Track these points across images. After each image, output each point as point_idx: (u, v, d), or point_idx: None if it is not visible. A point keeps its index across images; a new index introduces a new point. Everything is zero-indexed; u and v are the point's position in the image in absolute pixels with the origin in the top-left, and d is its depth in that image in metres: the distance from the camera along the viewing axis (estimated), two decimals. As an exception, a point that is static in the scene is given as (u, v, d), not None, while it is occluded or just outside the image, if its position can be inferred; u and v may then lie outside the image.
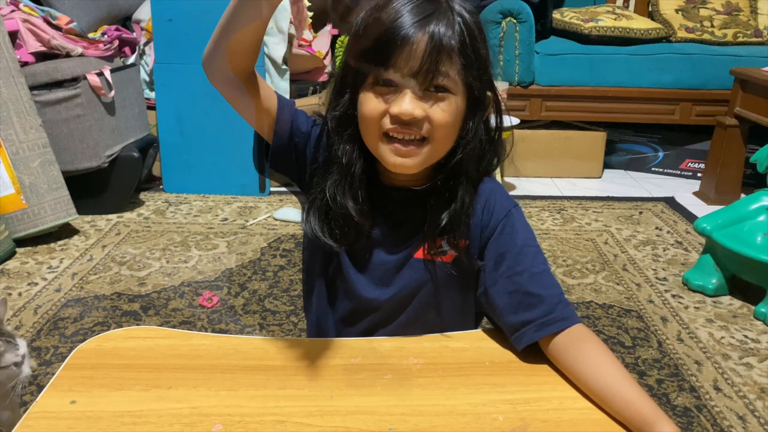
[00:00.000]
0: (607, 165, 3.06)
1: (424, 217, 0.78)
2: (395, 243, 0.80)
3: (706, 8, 3.05)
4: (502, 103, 0.79)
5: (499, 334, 0.78)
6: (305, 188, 0.83)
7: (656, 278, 1.97)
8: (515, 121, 2.65)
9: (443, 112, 0.70)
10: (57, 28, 2.31)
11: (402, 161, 0.72)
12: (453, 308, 0.83)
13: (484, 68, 0.73)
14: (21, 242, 2.11)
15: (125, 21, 3.02)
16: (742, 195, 2.50)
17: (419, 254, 0.80)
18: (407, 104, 0.68)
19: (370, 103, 0.71)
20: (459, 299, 0.83)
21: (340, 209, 0.76)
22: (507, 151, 0.83)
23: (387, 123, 0.70)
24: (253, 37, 0.70)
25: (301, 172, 0.82)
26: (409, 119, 0.69)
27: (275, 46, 2.63)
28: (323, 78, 3.01)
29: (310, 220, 0.78)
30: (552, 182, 2.92)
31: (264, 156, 0.82)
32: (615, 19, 2.88)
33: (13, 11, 2.24)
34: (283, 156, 0.80)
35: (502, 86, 2.65)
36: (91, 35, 2.56)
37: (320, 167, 0.79)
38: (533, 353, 0.73)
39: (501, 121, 0.79)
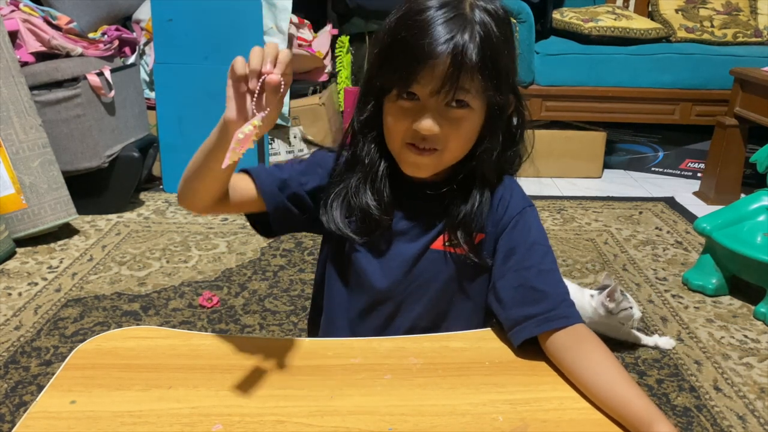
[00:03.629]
0: (607, 165, 3.06)
1: (443, 210, 0.80)
2: (414, 234, 0.82)
3: (706, 8, 3.05)
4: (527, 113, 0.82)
5: (500, 334, 0.78)
6: (316, 225, 0.84)
7: (656, 278, 1.97)
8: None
9: (460, 129, 0.74)
10: (57, 28, 2.31)
11: (417, 169, 0.76)
12: (468, 299, 0.84)
13: (505, 79, 0.74)
14: (21, 242, 2.11)
15: (125, 21, 3.02)
16: (742, 195, 2.50)
17: (436, 245, 0.81)
18: (428, 122, 0.72)
19: (394, 117, 0.75)
20: (474, 290, 0.84)
21: (361, 205, 0.79)
22: (528, 151, 0.86)
23: (408, 136, 0.74)
24: (228, 175, 0.74)
25: (306, 214, 0.83)
26: (428, 135, 0.72)
27: (275, 46, 2.63)
28: (323, 78, 3.01)
29: (333, 213, 0.80)
30: (552, 182, 2.92)
31: (261, 224, 0.84)
32: (615, 19, 2.88)
33: (13, 11, 2.24)
34: (284, 214, 0.81)
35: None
36: (91, 35, 2.56)
37: (328, 182, 0.83)
38: (533, 353, 0.73)
39: (523, 123, 0.82)
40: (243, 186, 0.79)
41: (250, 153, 2.58)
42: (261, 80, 0.61)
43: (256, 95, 0.62)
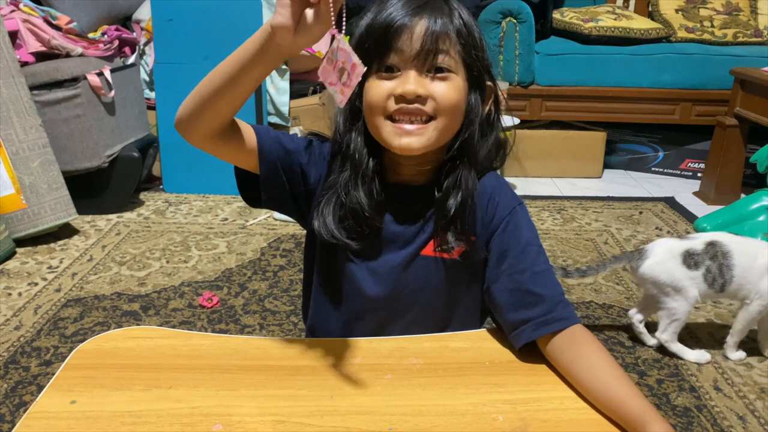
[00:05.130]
0: (607, 165, 3.06)
1: (431, 213, 0.79)
2: (403, 241, 0.81)
3: (706, 8, 3.05)
4: (501, 99, 0.81)
5: (500, 334, 0.78)
6: (301, 211, 0.83)
7: (656, 278, 1.97)
8: (515, 121, 2.65)
9: (447, 88, 0.72)
10: (57, 28, 2.31)
11: (407, 141, 0.73)
12: (461, 304, 0.84)
13: (482, 50, 0.75)
14: (21, 242, 2.11)
15: (125, 21, 3.03)
16: (742, 195, 2.50)
17: (426, 251, 0.80)
18: (411, 83, 0.71)
19: (374, 89, 0.73)
20: (466, 296, 0.83)
21: (352, 203, 0.76)
22: (509, 148, 0.84)
23: (392, 105, 0.72)
24: (252, 90, 0.70)
25: (295, 193, 0.81)
26: (413, 97, 0.71)
27: (275, 46, 2.63)
28: (323, 78, 3.00)
29: (326, 219, 0.78)
30: (552, 182, 2.92)
31: (249, 190, 0.82)
32: (615, 19, 2.88)
33: (13, 11, 2.24)
34: (275, 182, 0.79)
35: (502, 86, 2.65)
36: (91, 35, 2.56)
37: (323, 178, 0.81)
38: (533, 353, 0.73)
39: (499, 111, 0.81)
40: (248, 135, 0.76)
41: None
42: None
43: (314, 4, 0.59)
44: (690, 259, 1.47)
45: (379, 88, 0.72)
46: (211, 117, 0.70)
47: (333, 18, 0.59)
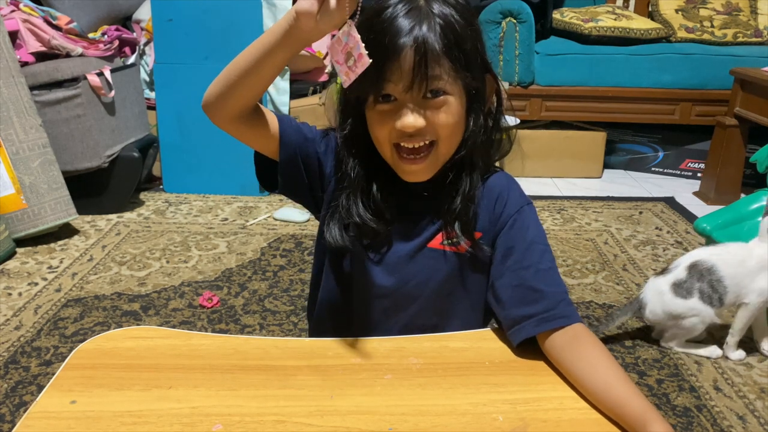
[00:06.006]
0: (607, 165, 3.06)
1: (439, 208, 0.80)
2: (411, 233, 0.82)
3: (706, 8, 3.05)
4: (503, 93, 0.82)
5: (500, 333, 0.78)
6: (315, 199, 0.85)
7: (656, 278, 1.97)
8: (515, 121, 2.65)
9: (444, 115, 0.73)
10: (57, 28, 2.31)
11: (414, 172, 0.77)
12: (465, 298, 0.84)
13: (474, 61, 0.75)
14: (21, 242, 2.11)
15: (125, 21, 3.03)
16: (742, 195, 2.50)
17: (433, 244, 0.81)
18: (409, 118, 0.72)
19: (377, 124, 0.75)
20: (471, 290, 0.84)
21: (355, 221, 0.79)
22: (510, 146, 0.85)
23: (395, 136, 0.74)
24: (275, 74, 0.72)
25: (311, 180, 0.83)
26: (413, 131, 0.72)
27: (275, 46, 2.63)
28: (323, 78, 3.01)
29: (333, 229, 0.80)
30: (552, 182, 2.92)
31: (267, 177, 0.84)
32: (615, 19, 2.88)
33: (13, 11, 2.24)
34: (293, 169, 0.81)
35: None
36: (91, 35, 2.56)
37: (335, 177, 0.82)
38: (533, 353, 0.73)
39: (501, 105, 0.82)
40: (270, 121, 0.79)
41: (247, 151, 2.59)
42: None
43: None
44: (681, 290, 1.49)
45: (382, 125, 0.74)
46: (236, 99, 0.73)
47: (352, 6, 0.62)
